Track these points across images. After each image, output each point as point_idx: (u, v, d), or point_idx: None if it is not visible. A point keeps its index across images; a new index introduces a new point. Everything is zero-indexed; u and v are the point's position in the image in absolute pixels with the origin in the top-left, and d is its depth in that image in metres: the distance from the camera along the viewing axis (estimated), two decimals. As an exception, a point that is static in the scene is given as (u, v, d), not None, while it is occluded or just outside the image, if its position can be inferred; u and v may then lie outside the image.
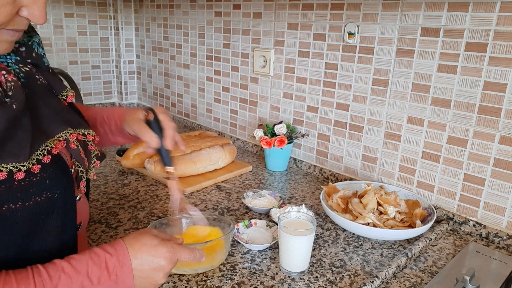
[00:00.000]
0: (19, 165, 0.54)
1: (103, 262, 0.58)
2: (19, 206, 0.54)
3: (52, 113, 0.64)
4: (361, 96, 1.25)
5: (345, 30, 1.24)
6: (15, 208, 0.54)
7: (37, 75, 0.64)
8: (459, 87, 1.04)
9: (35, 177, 0.56)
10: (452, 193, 1.10)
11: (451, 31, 1.02)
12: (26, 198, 0.55)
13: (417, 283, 0.86)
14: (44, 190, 0.57)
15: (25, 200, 0.55)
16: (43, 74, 0.66)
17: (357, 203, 1.05)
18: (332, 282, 0.83)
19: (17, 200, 0.54)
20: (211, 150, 1.36)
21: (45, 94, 0.64)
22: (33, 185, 0.56)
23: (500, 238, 1.01)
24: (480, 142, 1.02)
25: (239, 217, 1.09)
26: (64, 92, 0.68)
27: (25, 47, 0.65)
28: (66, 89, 0.69)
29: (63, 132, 0.64)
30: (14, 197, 0.54)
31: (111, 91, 2.35)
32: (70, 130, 0.65)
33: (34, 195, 0.56)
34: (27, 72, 0.62)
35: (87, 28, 2.16)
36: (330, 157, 1.38)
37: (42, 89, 0.64)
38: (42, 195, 0.57)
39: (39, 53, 0.67)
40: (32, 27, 0.68)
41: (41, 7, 0.54)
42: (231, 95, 1.72)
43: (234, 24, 1.62)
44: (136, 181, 1.30)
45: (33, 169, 0.56)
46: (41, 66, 0.67)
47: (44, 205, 0.57)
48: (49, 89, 0.66)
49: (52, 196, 0.58)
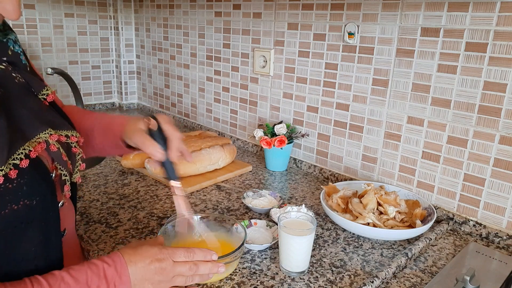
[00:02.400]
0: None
1: (102, 271, 0.58)
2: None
3: (30, 114, 0.60)
4: (361, 96, 1.25)
5: (345, 30, 1.24)
6: None
7: (13, 73, 0.60)
8: (459, 87, 1.04)
9: (11, 183, 0.52)
10: (452, 193, 1.10)
11: (451, 31, 1.02)
12: (2, 206, 0.51)
13: (417, 283, 0.86)
14: (22, 198, 0.53)
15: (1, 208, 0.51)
16: (20, 73, 0.62)
17: (357, 203, 1.05)
18: (332, 282, 0.83)
19: None
20: (211, 150, 1.36)
21: (23, 94, 0.60)
22: (9, 192, 0.52)
23: (500, 238, 1.01)
24: (480, 142, 1.02)
25: (239, 217, 1.09)
26: (44, 91, 0.64)
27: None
28: (45, 88, 0.65)
29: (43, 133, 0.60)
30: None
31: (111, 91, 2.35)
32: (50, 131, 0.61)
33: (10, 202, 0.52)
34: (2, 71, 0.58)
35: (87, 28, 2.16)
36: (330, 157, 1.38)
37: (19, 88, 0.60)
38: (19, 202, 0.53)
39: (16, 51, 0.63)
40: (7, 25, 0.64)
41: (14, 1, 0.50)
42: (231, 95, 1.72)
43: (234, 24, 1.62)
44: (136, 181, 1.30)
45: (10, 174, 0.52)
46: (18, 64, 0.63)
47: (21, 213, 0.53)
48: (27, 88, 0.62)
49: (30, 203, 0.54)
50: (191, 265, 0.66)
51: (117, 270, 0.59)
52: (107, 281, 0.57)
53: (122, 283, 0.59)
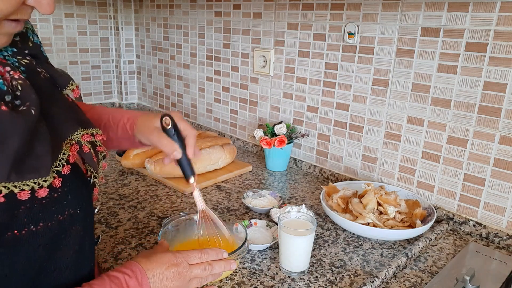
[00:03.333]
0: (41, 180, 0.47)
1: (124, 283, 0.56)
2: (40, 228, 0.47)
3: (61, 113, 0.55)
4: (361, 96, 1.25)
5: (345, 30, 1.24)
6: (35, 230, 0.47)
7: (38, 68, 0.55)
8: (459, 87, 1.04)
9: (56, 193, 0.49)
10: (452, 193, 1.10)
11: (451, 31, 1.02)
12: (48, 218, 0.48)
13: (417, 283, 0.86)
14: (66, 207, 0.50)
15: (46, 220, 0.48)
16: (44, 67, 0.57)
17: (357, 203, 1.05)
18: (332, 282, 0.83)
19: (38, 221, 0.47)
20: (211, 150, 1.36)
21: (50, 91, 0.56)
22: (55, 203, 0.49)
23: (500, 238, 1.01)
24: (480, 142, 1.02)
25: (239, 217, 1.09)
26: (69, 86, 0.60)
27: (19, 35, 0.56)
28: (70, 82, 0.60)
29: (75, 133, 0.56)
30: (35, 219, 0.46)
31: (111, 91, 2.35)
32: (81, 131, 0.57)
33: (57, 213, 0.49)
34: (28, 65, 0.53)
35: (87, 28, 2.16)
36: (330, 157, 1.38)
37: (46, 84, 0.55)
38: (64, 212, 0.50)
39: (36, 42, 0.58)
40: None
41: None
42: (231, 95, 1.72)
43: (234, 24, 1.62)
44: (136, 181, 1.30)
45: (54, 183, 0.48)
46: (40, 56, 0.58)
47: (65, 223, 0.50)
48: (53, 83, 0.58)
49: (74, 212, 0.51)
50: (206, 266, 0.66)
51: (138, 280, 0.58)
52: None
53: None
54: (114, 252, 0.90)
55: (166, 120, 0.73)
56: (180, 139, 0.74)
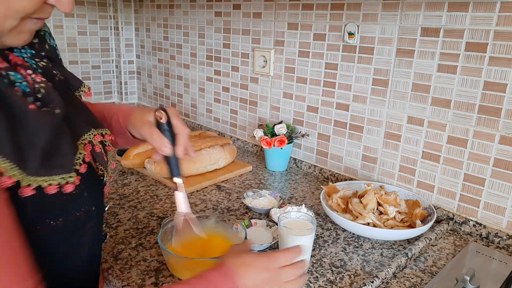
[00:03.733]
0: (67, 176, 0.50)
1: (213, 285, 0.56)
2: (59, 223, 0.50)
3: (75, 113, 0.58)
4: (361, 96, 1.25)
5: (345, 30, 1.24)
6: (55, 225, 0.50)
7: (54, 71, 0.58)
8: (459, 87, 1.04)
9: (74, 190, 0.51)
10: (452, 193, 1.10)
11: (451, 31, 1.02)
12: (67, 214, 0.51)
13: (417, 283, 0.86)
14: (83, 204, 0.53)
15: (65, 216, 0.51)
16: (58, 69, 0.60)
17: (357, 203, 1.05)
18: (332, 282, 0.83)
19: (57, 216, 0.50)
20: (211, 150, 1.36)
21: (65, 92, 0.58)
22: (73, 199, 0.51)
23: (500, 238, 1.01)
24: (480, 142, 1.02)
25: (239, 217, 1.09)
26: (81, 88, 0.62)
27: (37, 38, 0.58)
28: (83, 84, 0.63)
29: (87, 134, 0.58)
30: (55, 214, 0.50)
31: (111, 91, 2.35)
32: (93, 131, 0.60)
33: (74, 210, 0.52)
34: (45, 68, 0.56)
35: (87, 28, 2.16)
36: (330, 157, 1.38)
37: (61, 86, 0.57)
38: (80, 209, 0.53)
39: (52, 45, 0.61)
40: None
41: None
42: (231, 95, 1.72)
43: (234, 24, 1.62)
44: (136, 181, 1.30)
45: (74, 181, 0.51)
46: (55, 60, 0.61)
47: (81, 220, 0.53)
48: (67, 85, 0.60)
49: (89, 209, 0.54)
50: (295, 267, 0.64)
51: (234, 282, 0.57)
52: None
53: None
54: (114, 252, 0.90)
55: (160, 114, 0.72)
56: (172, 136, 0.72)
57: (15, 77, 0.48)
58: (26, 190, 0.46)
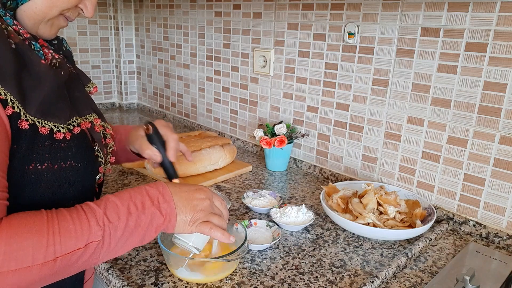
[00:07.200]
0: (59, 125, 0.58)
1: (144, 190, 0.62)
2: (44, 167, 0.57)
3: (82, 97, 0.69)
4: (361, 96, 1.25)
5: (345, 30, 1.24)
6: (41, 168, 0.56)
7: (68, 64, 0.68)
8: (459, 87, 1.04)
9: (64, 143, 0.59)
10: (452, 193, 1.10)
11: (451, 31, 1.02)
12: (53, 160, 0.57)
13: (417, 283, 0.86)
14: (70, 158, 0.60)
15: (51, 162, 0.57)
16: (72, 65, 0.71)
17: (357, 203, 1.05)
18: (332, 282, 0.83)
19: (43, 160, 0.57)
20: (211, 150, 1.36)
21: (76, 81, 0.70)
22: (61, 150, 0.59)
23: (500, 238, 1.01)
24: (480, 142, 1.02)
25: (239, 217, 1.09)
26: (90, 84, 0.74)
27: (57, 40, 0.71)
28: (91, 82, 0.74)
29: (90, 115, 0.69)
30: (41, 157, 0.56)
31: (111, 91, 2.35)
32: (95, 115, 0.70)
33: (60, 159, 0.58)
34: (62, 59, 0.66)
35: (87, 28, 2.16)
36: (330, 157, 1.38)
37: (74, 76, 0.69)
38: (67, 161, 0.59)
39: (68, 49, 0.73)
40: None
41: (94, 2, 0.63)
42: (231, 95, 1.72)
43: (234, 24, 1.62)
44: (136, 181, 1.30)
45: (66, 135, 0.59)
46: (70, 59, 0.73)
47: (67, 172, 0.60)
48: (78, 79, 0.71)
49: (75, 165, 0.61)
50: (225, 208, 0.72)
51: (159, 190, 0.63)
52: (150, 198, 0.61)
53: (166, 201, 0.62)
54: (114, 252, 0.90)
55: (146, 126, 0.82)
56: (163, 144, 0.82)
57: (35, 46, 0.59)
58: (24, 123, 0.54)
